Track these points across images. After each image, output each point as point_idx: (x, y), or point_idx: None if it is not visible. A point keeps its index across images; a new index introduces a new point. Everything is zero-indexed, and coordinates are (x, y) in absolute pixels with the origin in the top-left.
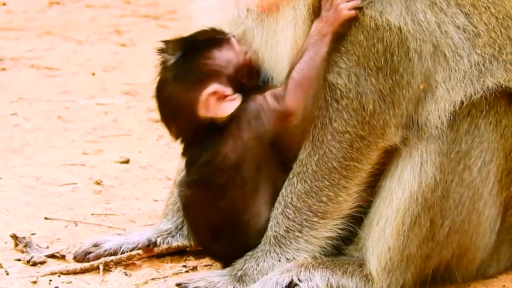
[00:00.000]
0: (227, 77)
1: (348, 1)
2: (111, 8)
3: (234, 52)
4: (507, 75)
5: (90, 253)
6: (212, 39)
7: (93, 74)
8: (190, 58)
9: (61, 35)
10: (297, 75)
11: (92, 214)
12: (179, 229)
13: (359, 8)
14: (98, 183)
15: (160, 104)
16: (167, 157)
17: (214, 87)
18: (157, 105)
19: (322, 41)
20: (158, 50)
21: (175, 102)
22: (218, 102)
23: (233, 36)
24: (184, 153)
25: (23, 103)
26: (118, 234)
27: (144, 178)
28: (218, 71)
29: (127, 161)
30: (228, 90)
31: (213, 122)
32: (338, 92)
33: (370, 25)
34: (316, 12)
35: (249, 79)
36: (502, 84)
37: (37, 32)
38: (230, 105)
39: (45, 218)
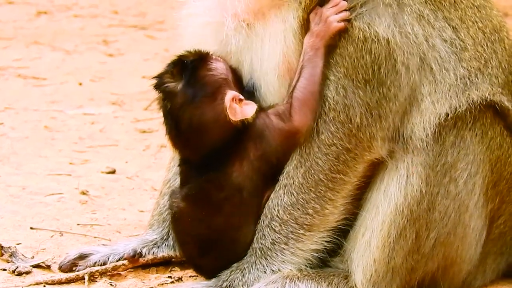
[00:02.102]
0: (232, 83)
1: (337, 14)
2: (99, 18)
3: (222, 61)
4: (492, 89)
5: (77, 265)
6: (200, 56)
7: (81, 84)
8: (196, 77)
9: (49, 45)
10: (301, 94)
11: (78, 224)
12: (165, 239)
13: (347, 20)
14: (84, 193)
15: (182, 129)
16: (154, 167)
17: (230, 92)
18: (177, 132)
19: (317, 55)
20: (156, 84)
21: (200, 120)
22: (240, 105)
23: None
24: (182, 165)
25: (10, 113)
26: (103, 245)
27: (130, 188)
28: (224, 79)
29: (113, 171)
30: (240, 95)
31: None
32: (326, 105)
33: (358, 37)
34: (305, 24)
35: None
36: (487, 98)
37: (25, 42)
38: (250, 107)
39: (31, 228)
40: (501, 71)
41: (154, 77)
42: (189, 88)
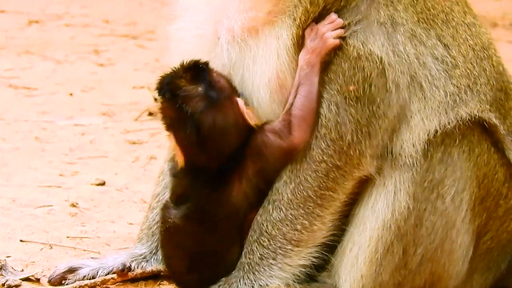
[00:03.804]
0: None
1: (333, 30)
2: (90, 27)
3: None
4: (481, 106)
5: (66, 278)
6: (205, 63)
7: (71, 94)
8: (213, 81)
9: (40, 54)
10: (300, 112)
11: (68, 237)
12: (154, 253)
13: (342, 37)
14: (73, 205)
15: (204, 132)
16: (143, 179)
17: (239, 99)
18: (197, 136)
19: (313, 72)
20: (171, 89)
21: (222, 123)
22: (249, 110)
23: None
24: (182, 177)
25: (1, 123)
26: (92, 258)
27: (120, 200)
28: (230, 87)
29: (103, 183)
30: None
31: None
32: (318, 121)
33: (353, 55)
34: (299, 41)
35: None
36: (476, 115)
37: (16, 51)
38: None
39: (21, 241)
40: (489, 88)
41: (165, 83)
42: (211, 91)
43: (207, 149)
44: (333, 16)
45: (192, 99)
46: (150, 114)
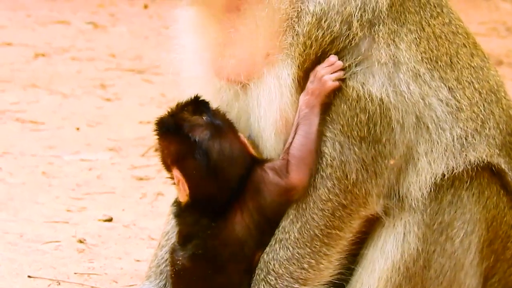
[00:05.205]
0: None
1: (332, 73)
2: (96, 61)
3: None
4: (489, 150)
5: None
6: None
7: (78, 129)
8: (214, 111)
9: (46, 88)
10: (298, 152)
11: (75, 273)
12: None
13: (342, 79)
14: (81, 242)
15: (213, 160)
16: (150, 216)
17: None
18: (207, 165)
19: (313, 113)
20: (177, 121)
21: (230, 149)
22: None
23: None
24: (182, 218)
25: (8, 157)
26: None
27: (127, 237)
28: (228, 119)
29: (110, 219)
30: None
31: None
32: (323, 161)
33: (352, 96)
34: (300, 81)
35: None
36: (484, 159)
37: (22, 84)
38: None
39: (29, 277)
40: (498, 132)
41: (167, 117)
42: (215, 120)
43: (217, 177)
44: (332, 58)
45: (198, 128)
46: (157, 150)
